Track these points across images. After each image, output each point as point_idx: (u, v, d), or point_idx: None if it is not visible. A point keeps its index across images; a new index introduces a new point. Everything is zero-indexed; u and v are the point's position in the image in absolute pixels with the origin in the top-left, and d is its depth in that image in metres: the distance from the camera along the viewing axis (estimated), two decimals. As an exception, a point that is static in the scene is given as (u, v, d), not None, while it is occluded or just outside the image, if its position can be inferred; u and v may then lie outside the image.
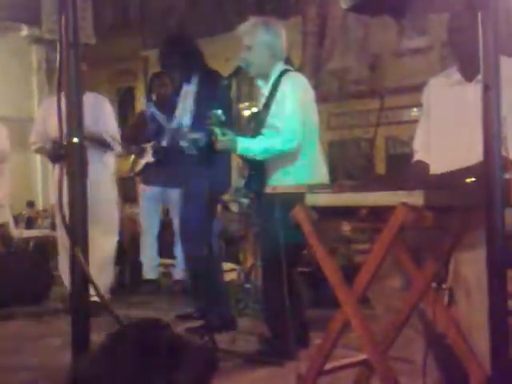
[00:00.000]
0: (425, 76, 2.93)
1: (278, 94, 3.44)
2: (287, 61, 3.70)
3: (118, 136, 4.98)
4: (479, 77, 2.52)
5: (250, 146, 3.40)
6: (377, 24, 6.15)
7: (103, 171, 4.83)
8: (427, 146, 2.79)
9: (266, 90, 3.54)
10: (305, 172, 3.43)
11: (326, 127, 5.75)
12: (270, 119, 3.45)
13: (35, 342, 3.92)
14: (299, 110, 3.38)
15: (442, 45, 5.38)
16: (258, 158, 3.43)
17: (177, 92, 4.61)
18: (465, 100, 2.61)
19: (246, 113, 3.90)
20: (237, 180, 4.78)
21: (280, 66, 3.53)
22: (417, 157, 2.85)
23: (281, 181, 3.40)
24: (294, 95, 3.40)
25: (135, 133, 5.58)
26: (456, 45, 2.66)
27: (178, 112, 4.27)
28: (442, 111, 2.72)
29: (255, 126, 3.56)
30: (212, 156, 3.71)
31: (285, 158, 3.43)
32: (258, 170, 3.51)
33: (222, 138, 3.35)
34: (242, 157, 3.52)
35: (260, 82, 3.61)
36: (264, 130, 3.47)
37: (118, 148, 5.01)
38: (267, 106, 3.48)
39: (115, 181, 5.11)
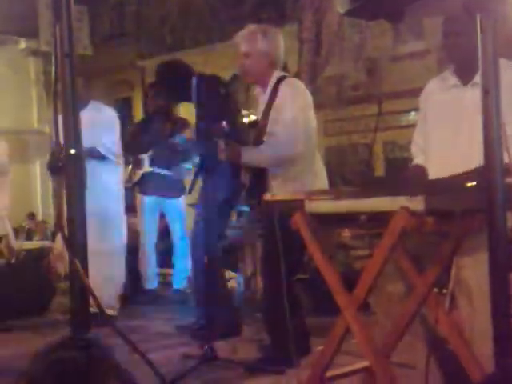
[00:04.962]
0: (422, 80, 2.93)
1: (277, 101, 3.43)
2: (284, 68, 3.70)
3: (113, 147, 4.83)
4: (475, 79, 2.53)
5: (252, 155, 3.40)
6: (373, 29, 6.16)
7: (107, 183, 4.77)
8: (424, 149, 2.78)
9: (264, 97, 3.53)
10: (305, 179, 3.42)
11: (323, 133, 5.75)
12: (270, 126, 3.45)
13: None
14: (299, 116, 3.38)
15: (438, 48, 5.37)
16: (262, 166, 3.43)
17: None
18: (461, 103, 2.60)
19: (244, 120, 3.89)
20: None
21: (277, 73, 3.52)
22: (415, 161, 2.84)
23: (281, 188, 3.39)
24: (294, 101, 3.39)
25: (132, 143, 5.58)
26: (451, 48, 2.65)
27: None
28: (439, 115, 2.71)
29: (255, 133, 3.56)
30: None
31: (285, 164, 3.42)
32: (259, 177, 3.51)
33: (226, 148, 3.36)
34: (244, 165, 3.51)
35: (257, 90, 3.61)
36: (264, 138, 3.46)
37: (114, 159, 4.87)
38: (266, 113, 3.48)
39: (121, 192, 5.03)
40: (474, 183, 2.12)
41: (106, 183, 4.78)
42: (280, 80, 3.48)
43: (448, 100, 2.67)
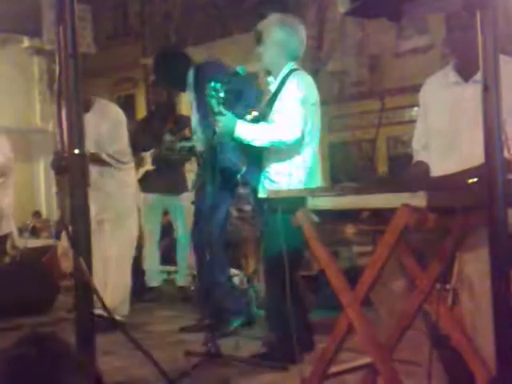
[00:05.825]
0: (425, 75, 2.93)
1: (283, 93, 3.44)
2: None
3: (118, 154, 4.64)
4: (476, 77, 2.53)
5: (248, 128, 3.39)
6: (375, 25, 6.14)
7: (118, 184, 4.73)
8: (426, 145, 2.78)
9: (273, 86, 3.54)
10: (300, 175, 3.42)
11: (327, 130, 5.75)
12: (272, 115, 3.45)
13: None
14: (301, 108, 3.38)
15: (442, 43, 5.35)
16: (255, 143, 3.41)
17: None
18: (462, 100, 2.60)
19: (248, 117, 3.89)
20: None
21: (290, 65, 3.52)
22: (417, 157, 2.84)
23: (275, 181, 3.40)
24: (298, 93, 3.39)
25: (134, 141, 5.59)
26: (454, 44, 2.65)
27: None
28: (439, 112, 2.70)
29: (257, 120, 3.56)
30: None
31: (281, 157, 3.42)
32: (255, 165, 3.51)
33: (221, 118, 3.36)
34: (239, 146, 3.50)
35: (270, 79, 3.60)
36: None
37: (119, 165, 4.69)
38: (271, 102, 3.48)
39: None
40: (476, 179, 2.12)
41: (122, 183, 4.76)
42: (291, 72, 3.48)
43: (449, 97, 2.66)
